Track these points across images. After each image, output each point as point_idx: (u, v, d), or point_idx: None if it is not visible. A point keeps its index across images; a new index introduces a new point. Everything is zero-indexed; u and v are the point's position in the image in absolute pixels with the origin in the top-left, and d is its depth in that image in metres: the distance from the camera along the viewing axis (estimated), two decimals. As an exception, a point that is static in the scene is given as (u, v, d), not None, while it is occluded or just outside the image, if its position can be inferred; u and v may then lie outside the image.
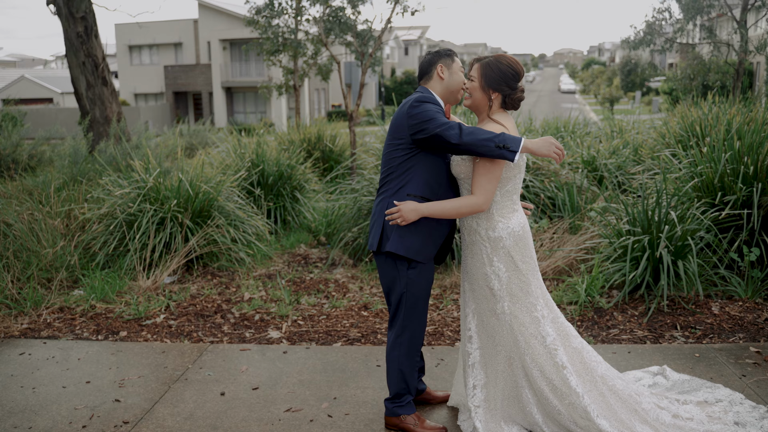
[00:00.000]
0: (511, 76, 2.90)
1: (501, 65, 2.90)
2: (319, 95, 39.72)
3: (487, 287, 2.95)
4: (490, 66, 2.91)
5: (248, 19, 13.92)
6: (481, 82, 2.92)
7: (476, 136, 2.75)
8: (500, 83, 2.90)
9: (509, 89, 2.92)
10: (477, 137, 2.75)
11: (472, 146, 2.75)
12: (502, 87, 2.91)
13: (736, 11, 12.21)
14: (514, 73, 2.90)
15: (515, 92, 2.93)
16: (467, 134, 2.76)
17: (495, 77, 2.90)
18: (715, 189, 5.35)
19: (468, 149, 2.76)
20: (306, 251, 6.84)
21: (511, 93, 2.92)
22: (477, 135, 2.76)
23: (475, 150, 2.76)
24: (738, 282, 4.91)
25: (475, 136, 2.76)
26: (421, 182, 2.92)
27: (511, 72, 2.90)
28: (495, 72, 2.90)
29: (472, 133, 2.76)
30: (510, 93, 2.92)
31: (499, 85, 2.91)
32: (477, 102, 2.96)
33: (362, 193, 6.43)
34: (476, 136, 2.75)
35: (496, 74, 2.90)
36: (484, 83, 2.92)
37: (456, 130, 2.78)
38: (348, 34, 13.15)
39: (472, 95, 2.96)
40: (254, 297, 5.33)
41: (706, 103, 7.70)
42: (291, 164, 7.73)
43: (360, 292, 5.46)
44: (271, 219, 7.29)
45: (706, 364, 3.83)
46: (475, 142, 2.75)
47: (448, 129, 2.79)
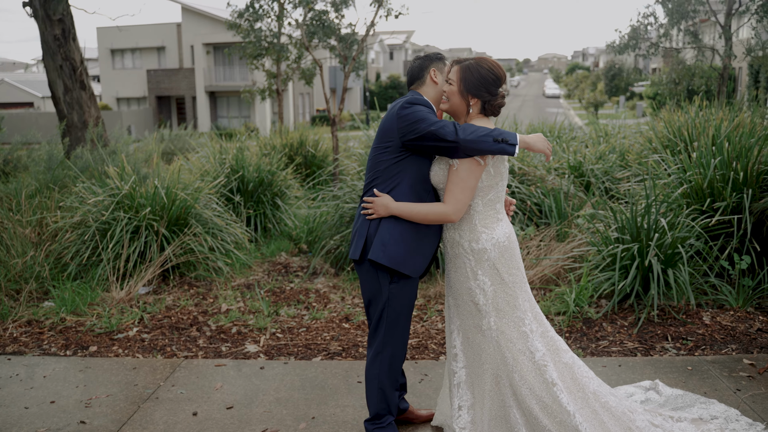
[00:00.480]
0: (491, 81, 2.74)
1: (481, 69, 2.74)
2: (303, 99, 39.52)
3: (472, 302, 2.79)
4: (470, 69, 2.75)
5: (230, 23, 13.72)
6: (460, 86, 2.76)
7: (474, 131, 2.61)
8: (480, 88, 2.74)
9: (489, 95, 2.76)
10: (475, 132, 2.61)
11: (472, 142, 2.60)
12: (482, 92, 2.75)
13: (720, 16, 12.20)
14: (494, 78, 2.74)
15: (495, 98, 2.77)
16: (463, 130, 2.61)
17: (475, 82, 2.74)
18: (704, 195, 5.24)
19: (467, 145, 2.61)
20: (287, 260, 6.65)
21: (491, 99, 2.76)
22: (474, 130, 2.62)
23: (474, 146, 2.61)
24: (729, 291, 4.80)
25: (472, 131, 2.62)
26: (407, 188, 2.77)
27: (492, 77, 2.74)
28: (475, 76, 2.74)
29: (468, 128, 2.62)
30: (490, 99, 2.76)
31: (478, 91, 2.74)
32: (455, 107, 2.80)
33: (344, 200, 6.26)
34: (474, 131, 2.61)
35: (476, 79, 2.74)
36: (463, 88, 2.75)
37: (452, 127, 2.63)
38: (331, 37, 13.00)
39: (450, 100, 2.80)
40: (232, 308, 5.14)
41: (692, 107, 7.62)
42: (272, 170, 7.55)
43: (341, 302, 5.29)
44: (251, 226, 7.10)
45: (700, 378, 3.70)
46: (475, 138, 2.60)
47: (443, 126, 2.64)
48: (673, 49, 12.67)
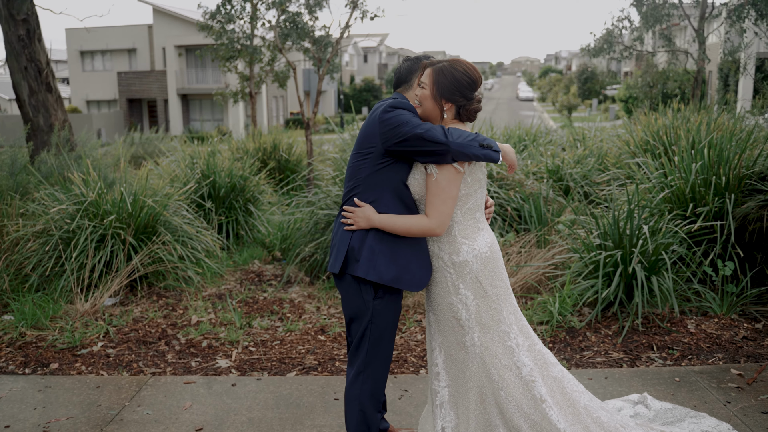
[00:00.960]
0: (466, 84, 2.56)
1: (455, 72, 2.56)
2: (277, 102, 39.17)
3: (454, 318, 2.63)
4: (443, 72, 2.56)
5: (201, 24, 13.45)
6: (433, 90, 2.57)
7: (461, 135, 2.47)
8: (454, 92, 2.56)
9: (464, 99, 2.58)
10: (462, 136, 2.46)
11: (461, 146, 2.45)
12: (456, 97, 2.57)
13: (694, 20, 12.26)
14: (469, 81, 2.56)
15: (471, 103, 2.59)
16: (450, 133, 2.46)
17: (448, 85, 2.56)
18: (686, 200, 5.17)
19: (457, 149, 2.45)
20: (260, 268, 6.44)
21: (466, 104, 2.59)
22: (461, 134, 2.47)
23: (463, 150, 2.45)
24: (713, 297, 4.72)
25: (459, 134, 2.47)
26: (391, 198, 2.59)
27: (467, 80, 2.56)
28: (448, 79, 2.55)
29: (454, 132, 2.47)
30: (465, 104, 2.59)
31: (452, 95, 2.57)
32: (428, 112, 2.62)
33: (319, 206, 6.08)
34: (461, 135, 2.47)
35: (449, 82, 2.55)
36: (436, 91, 2.57)
37: (440, 129, 2.47)
38: (305, 40, 12.81)
39: (423, 104, 2.61)
40: (202, 320, 4.92)
41: (668, 110, 7.58)
42: (244, 175, 7.34)
43: (317, 313, 5.10)
44: (223, 234, 6.88)
45: (688, 390, 3.59)
46: (463, 142, 2.45)
47: (431, 129, 2.47)
48: (647, 52, 12.70)
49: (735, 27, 11.73)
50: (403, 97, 2.69)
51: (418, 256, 2.60)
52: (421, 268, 2.59)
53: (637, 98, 13.91)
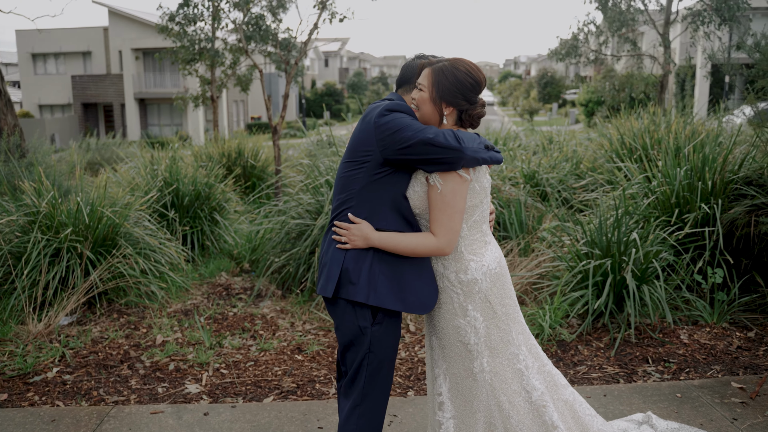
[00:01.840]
0: (469, 86, 2.31)
1: (458, 72, 2.30)
2: (237, 107, 38.52)
3: (461, 342, 2.37)
4: (444, 73, 2.30)
5: (161, 26, 12.98)
6: (433, 92, 2.31)
7: (471, 139, 2.22)
8: (456, 95, 2.31)
9: (467, 103, 2.33)
10: (470, 139, 2.22)
11: (475, 152, 2.20)
12: (458, 100, 2.32)
13: (659, 25, 12.32)
14: (473, 83, 2.31)
15: (474, 107, 2.34)
16: (462, 138, 2.21)
17: (450, 87, 2.30)
18: (671, 206, 5.03)
19: (472, 155, 2.21)
20: (228, 280, 6.10)
21: (468, 108, 2.33)
22: (470, 137, 2.23)
23: (476, 155, 2.20)
24: (703, 306, 4.58)
25: (469, 138, 2.22)
26: (390, 213, 2.31)
27: (470, 81, 2.31)
28: (450, 81, 2.30)
29: (464, 135, 2.23)
30: (468, 108, 2.33)
31: (454, 98, 2.31)
32: (426, 117, 2.35)
33: (290, 215, 5.77)
34: (471, 139, 2.22)
35: (451, 83, 2.30)
36: (435, 94, 2.31)
37: (450, 132, 2.22)
38: (268, 42, 12.48)
39: (421, 108, 2.34)
40: (168, 340, 4.57)
41: (644, 113, 7.51)
42: (209, 182, 6.97)
43: (291, 329, 4.80)
44: (188, 245, 6.50)
45: (692, 407, 3.41)
46: (475, 147, 2.20)
47: (440, 133, 2.21)
48: (613, 56, 12.74)
49: (698, 32, 11.83)
50: (400, 98, 2.43)
51: (423, 274, 2.34)
52: (427, 288, 2.33)
53: (604, 102, 13.95)
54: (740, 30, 11.54)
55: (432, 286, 2.34)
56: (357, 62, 77.82)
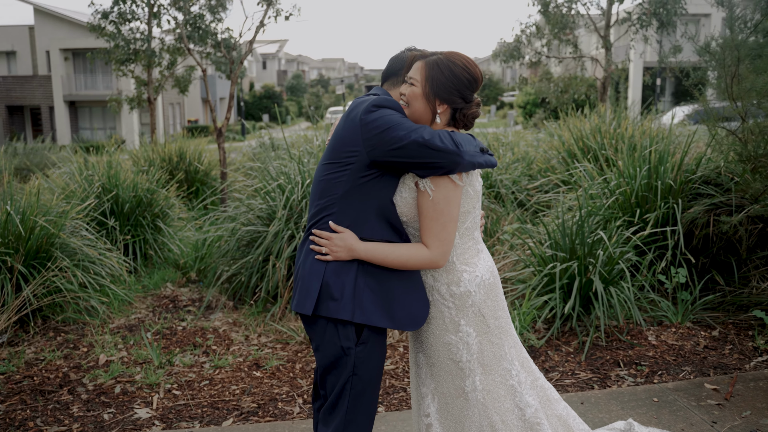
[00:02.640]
0: (466, 82, 2.12)
1: (454, 66, 2.12)
2: (173, 110, 37.42)
3: (451, 360, 2.18)
4: (439, 67, 2.11)
5: (92, 25, 12.36)
6: (426, 87, 2.12)
7: (464, 140, 2.03)
8: (451, 92, 2.12)
9: (462, 101, 2.14)
10: (469, 143, 2.03)
11: (473, 156, 2.01)
12: (454, 97, 2.13)
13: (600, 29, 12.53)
14: (470, 79, 2.13)
15: (470, 106, 2.16)
16: (460, 140, 2.02)
17: (445, 83, 2.11)
18: (632, 206, 5.01)
19: (470, 160, 2.02)
20: (174, 292, 5.74)
21: (464, 107, 2.15)
22: (466, 139, 2.04)
23: (472, 160, 2.02)
24: (667, 306, 4.55)
25: (466, 140, 2.03)
26: (377, 222, 2.10)
27: (467, 77, 2.12)
28: (446, 75, 2.11)
29: (460, 137, 2.04)
30: (463, 107, 2.15)
31: (449, 95, 2.12)
32: (417, 114, 2.15)
33: (241, 222, 5.48)
34: (464, 140, 2.03)
35: (446, 79, 2.11)
36: (429, 90, 2.11)
37: (445, 134, 2.02)
38: (207, 43, 12.08)
39: (411, 105, 2.15)
40: (113, 359, 4.22)
41: (594, 114, 7.54)
42: (151, 188, 6.58)
43: (246, 343, 4.51)
44: (130, 255, 6.11)
45: (670, 411, 3.33)
46: (471, 151, 2.02)
47: (436, 134, 2.01)
48: (556, 58, 12.90)
49: (638, 34, 12.09)
50: (386, 93, 2.22)
51: (412, 288, 2.13)
52: (417, 302, 2.13)
53: (548, 103, 14.12)
54: (677, 34, 11.86)
55: (422, 300, 2.14)
56: (295, 64, 77.13)
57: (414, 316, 2.10)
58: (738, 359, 3.99)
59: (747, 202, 4.71)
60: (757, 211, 4.55)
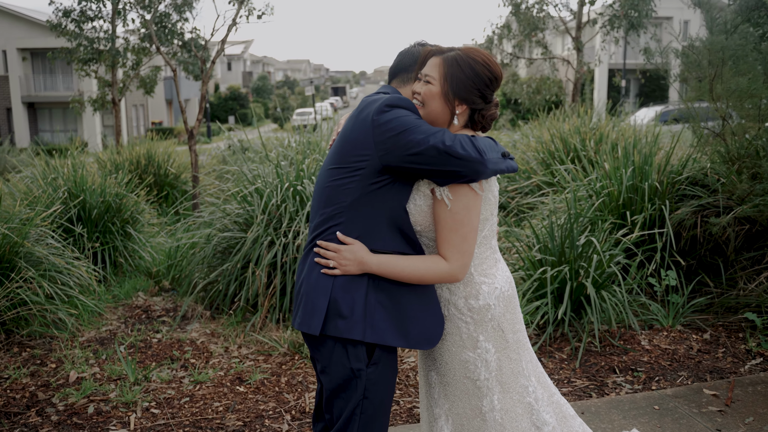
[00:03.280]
0: (487, 81, 1.97)
1: (475, 64, 1.96)
2: (137, 111, 36.63)
3: (468, 379, 2.02)
4: (459, 64, 1.95)
5: (53, 24, 11.94)
6: (445, 86, 1.96)
7: (486, 145, 1.89)
8: (471, 91, 1.96)
9: (482, 101, 1.99)
10: (492, 149, 1.89)
11: (496, 163, 1.87)
12: (474, 97, 1.97)
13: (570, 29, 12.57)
14: (491, 78, 1.98)
15: (489, 106, 2.01)
16: (482, 146, 1.86)
17: (466, 82, 1.95)
18: (618, 208, 4.94)
19: (493, 168, 1.87)
20: (146, 301, 5.49)
21: (483, 107, 2.00)
22: (484, 143, 1.89)
23: (495, 167, 1.87)
24: (658, 309, 4.49)
25: (488, 146, 1.88)
26: (389, 232, 1.93)
27: (488, 75, 1.97)
28: (466, 73, 1.95)
29: (483, 142, 1.88)
30: (482, 107, 2.00)
31: (469, 94, 1.97)
32: (433, 115, 1.99)
33: (218, 228, 5.26)
34: (486, 145, 1.89)
35: (467, 77, 1.95)
36: (448, 88, 1.96)
37: (466, 138, 1.86)
38: (173, 42, 11.79)
39: (427, 104, 1.98)
40: (84, 376, 3.97)
41: (573, 116, 7.50)
42: (120, 193, 6.30)
43: (227, 355, 4.30)
44: (99, 263, 5.83)
45: (672, 419, 3.25)
46: (495, 158, 1.87)
47: (456, 140, 1.84)
48: (527, 59, 12.90)
49: (609, 36, 12.16)
50: (396, 91, 2.06)
51: (427, 303, 1.97)
52: (432, 318, 1.97)
53: (521, 104, 14.14)
54: (645, 37, 11.97)
55: (438, 315, 1.98)
56: (261, 66, 76.40)
57: (429, 333, 1.95)
58: (732, 363, 3.94)
59: (734, 203, 4.68)
60: (744, 212, 4.52)
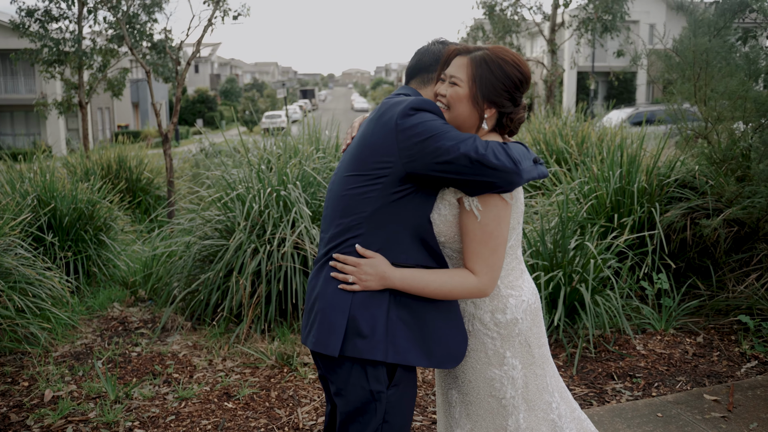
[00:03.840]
0: (518, 82, 1.85)
1: (505, 64, 1.83)
2: (102, 114, 35.86)
3: (493, 397, 1.91)
4: (488, 64, 1.82)
5: (15, 24, 11.54)
6: (473, 88, 1.82)
7: (519, 152, 1.77)
8: (501, 93, 1.83)
9: (512, 104, 1.87)
10: (525, 156, 1.77)
11: (528, 172, 1.75)
12: (503, 100, 1.85)
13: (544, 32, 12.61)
14: (522, 79, 1.86)
15: (518, 109, 1.90)
16: (516, 154, 1.74)
17: (496, 83, 1.82)
18: (607, 211, 4.89)
19: (527, 177, 1.76)
20: (122, 312, 5.27)
21: (512, 111, 1.88)
22: (517, 150, 1.77)
23: (529, 176, 1.76)
24: (650, 312, 4.44)
25: (520, 153, 1.76)
26: (412, 244, 1.80)
27: (519, 76, 1.85)
28: (496, 75, 1.82)
29: (515, 149, 1.77)
30: (511, 110, 1.88)
31: (499, 97, 1.84)
32: (460, 119, 1.85)
33: (198, 235, 5.06)
34: (519, 152, 1.77)
35: (497, 78, 1.82)
36: (477, 91, 1.82)
37: (498, 146, 1.74)
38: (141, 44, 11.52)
39: (453, 108, 1.85)
40: (61, 395, 3.76)
41: (554, 117, 7.48)
42: (92, 199, 6.06)
43: (211, 368, 4.13)
44: (72, 273, 5.58)
45: (678, 427, 3.18)
46: (528, 167, 1.75)
47: (489, 148, 1.72)
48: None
49: (583, 39, 12.23)
50: (416, 93, 1.94)
51: (450, 318, 1.85)
52: (457, 335, 1.85)
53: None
54: (619, 39, 12.07)
55: (462, 332, 1.86)
56: (228, 68, 75.64)
57: (453, 351, 1.82)
58: (728, 366, 3.91)
59: (722, 205, 4.67)
60: (734, 214, 4.51)
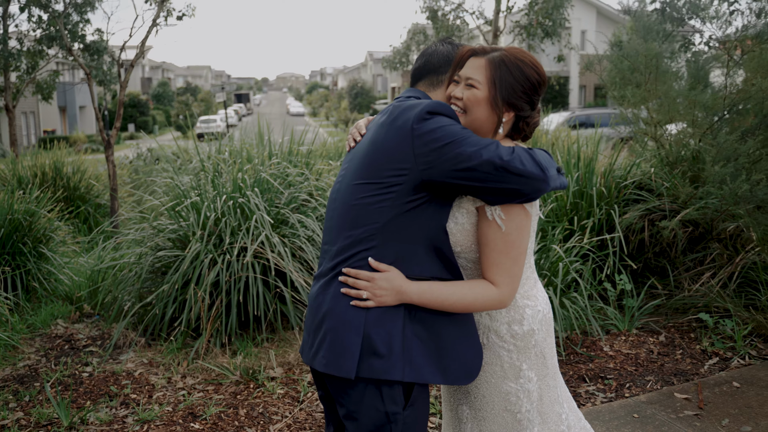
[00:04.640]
0: (536, 84, 1.77)
1: (524, 65, 1.76)
2: (27, 119, 34.25)
3: (508, 412, 1.83)
4: (507, 66, 1.75)
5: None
6: (492, 90, 1.75)
7: (549, 162, 1.69)
8: (520, 96, 1.76)
9: (529, 108, 1.80)
10: (551, 164, 1.70)
11: (553, 180, 1.68)
12: (522, 103, 1.77)
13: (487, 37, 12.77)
14: (540, 81, 1.78)
15: (534, 113, 1.83)
16: (542, 160, 1.67)
17: (515, 86, 1.75)
18: (567, 213, 4.94)
19: (553, 186, 1.68)
20: (67, 329, 4.96)
21: (529, 114, 1.81)
22: (547, 160, 1.70)
23: (554, 184, 1.68)
24: (614, 313, 4.50)
25: (547, 161, 1.69)
26: (426, 256, 1.70)
27: (537, 79, 1.77)
28: (515, 77, 1.75)
29: (540, 155, 1.69)
30: (528, 114, 1.81)
31: (518, 100, 1.76)
32: (477, 123, 1.77)
33: (150, 246, 4.82)
34: (549, 162, 1.69)
35: (516, 81, 1.75)
36: (497, 93, 1.75)
37: (523, 152, 1.66)
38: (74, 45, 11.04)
39: (470, 111, 1.76)
40: (6, 424, 3.47)
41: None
42: (29, 209, 5.70)
43: (171, 387, 3.91)
44: (10, 290, 5.22)
45: (655, 427, 3.21)
46: (554, 174, 1.68)
47: (513, 153, 1.63)
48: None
49: (524, 44, 12.44)
50: (425, 95, 1.84)
51: (465, 332, 1.76)
52: (471, 349, 1.76)
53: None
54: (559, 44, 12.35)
55: (477, 346, 1.78)
56: (160, 72, 73.66)
57: (468, 367, 1.74)
58: (692, 364, 3.99)
59: (678, 206, 4.79)
60: (690, 215, 4.62)
